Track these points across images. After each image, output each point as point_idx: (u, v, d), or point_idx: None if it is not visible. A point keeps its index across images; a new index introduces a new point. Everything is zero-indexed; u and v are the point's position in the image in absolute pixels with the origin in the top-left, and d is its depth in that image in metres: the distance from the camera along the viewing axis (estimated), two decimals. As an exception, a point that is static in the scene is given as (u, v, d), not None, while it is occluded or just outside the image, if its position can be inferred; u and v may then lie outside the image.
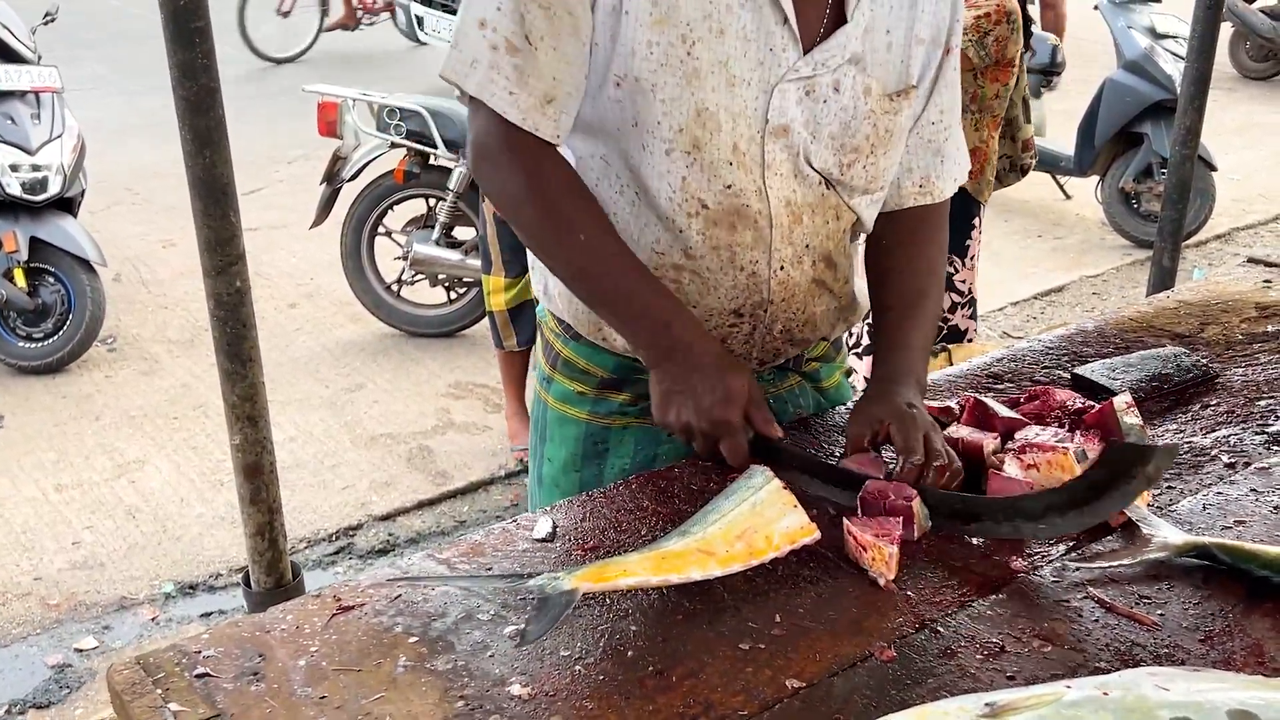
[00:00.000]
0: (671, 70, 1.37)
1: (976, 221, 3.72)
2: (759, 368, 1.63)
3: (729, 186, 1.44)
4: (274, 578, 2.29)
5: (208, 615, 3.41)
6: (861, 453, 1.45)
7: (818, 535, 1.26)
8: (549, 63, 1.36)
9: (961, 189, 3.76)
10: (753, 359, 1.61)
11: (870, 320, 3.85)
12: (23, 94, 4.84)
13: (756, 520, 1.25)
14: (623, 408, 1.62)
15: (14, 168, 4.66)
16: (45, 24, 5.36)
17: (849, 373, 3.92)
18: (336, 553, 3.73)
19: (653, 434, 1.62)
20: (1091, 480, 1.27)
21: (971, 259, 3.75)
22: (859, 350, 3.84)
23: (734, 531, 1.24)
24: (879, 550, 1.25)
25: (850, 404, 1.68)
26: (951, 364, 3.33)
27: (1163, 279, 3.76)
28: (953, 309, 3.78)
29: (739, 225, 1.48)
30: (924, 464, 1.37)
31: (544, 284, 1.64)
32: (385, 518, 3.92)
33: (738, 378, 1.44)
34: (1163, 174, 5.37)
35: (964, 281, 3.76)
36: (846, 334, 3.91)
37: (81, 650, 3.24)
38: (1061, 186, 6.86)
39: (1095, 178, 6.31)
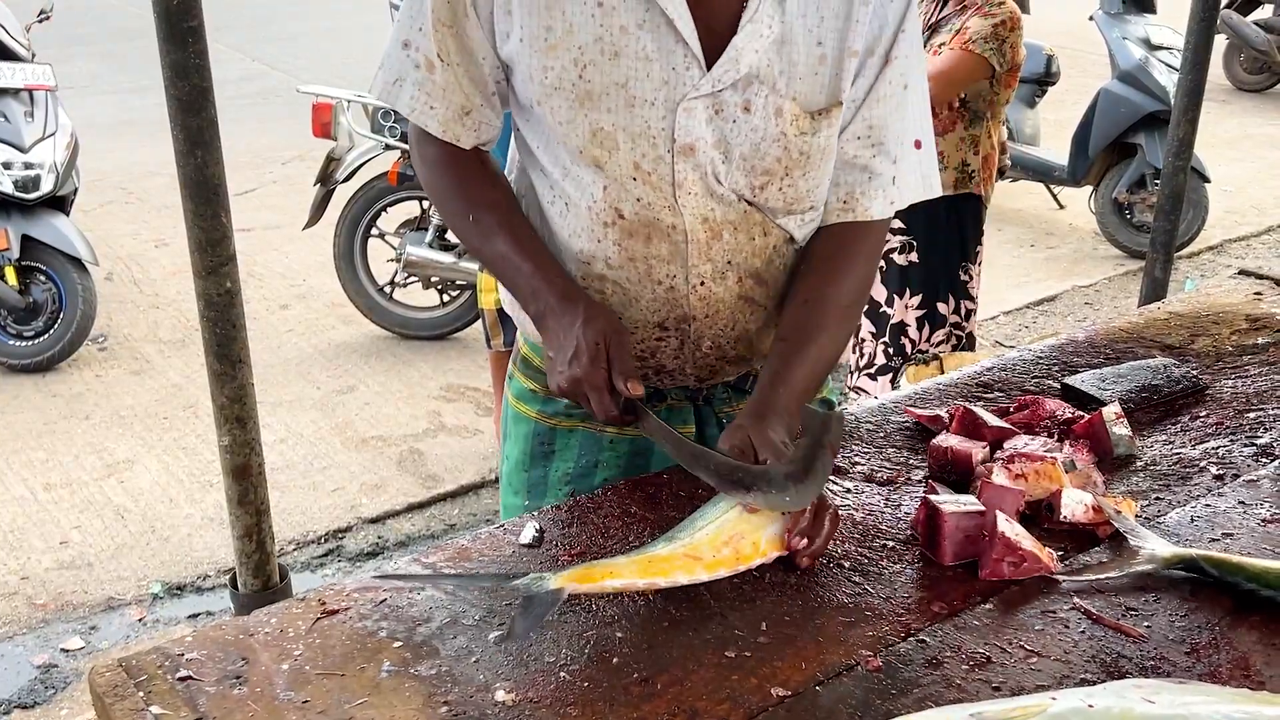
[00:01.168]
0: (564, 94, 1.38)
1: (985, 228, 3.77)
2: (698, 384, 1.61)
3: (639, 200, 1.44)
4: (261, 580, 2.28)
5: (195, 616, 3.40)
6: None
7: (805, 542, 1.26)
8: (461, 78, 1.45)
9: (976, 196, 3.78)
10: (688, 374, 1.59)
11: (885, 339, 3.89)
12: (16, 91, 4.83)
13: (744, 526, 1.25)
14: (568, 409, 1.63)
15: (6, 165, 4.65)
16: (39, 21, 5.35)
17: (857, 391, 3.95)
18: (325, 555, 3.72)
19: (596, 439, 1.63)
20: (804, 451, 1.30)
21: (979, 265, 3.79)
22: (871, 371, 3.86)
23: (721, 538, 1.24)
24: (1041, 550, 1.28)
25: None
26: (943, 372, 3.34)
27: (1155, 290, 3.76)
28: (968, 316, 3.82)
29: (654, 237, 1.47)
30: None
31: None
32: (375, 520, 3.91)
33: (590, 328, 1.38)
34: (1156, 185, 5.39)
35: (975, 289, 3.81)
36: (856, 357, 3.95)
37: (68, 650, 3.23)
38: (1055, 196, 6.88)
39: (1089, 188, 6.33)
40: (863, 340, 3.89)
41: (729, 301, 1.53)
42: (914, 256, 3.72)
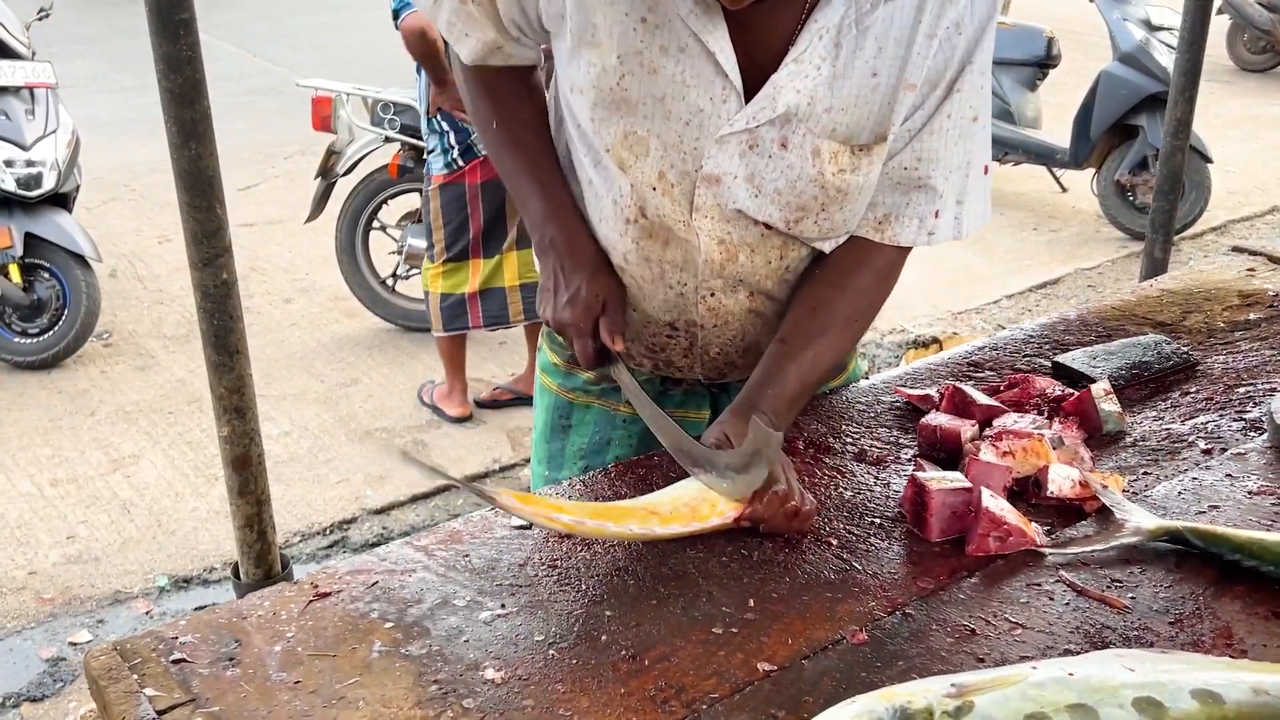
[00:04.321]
0: (601, 93, 1.36)
1: None
2: (708, 381, 1.64)
3: (657, 209, 1.43)
4: (263, 569, 2.29)
5: (201, 609, 3.39)
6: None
7: None
8: (490, 16, 1.43)
9: None
10: (697, 373, 1.61)
11: None
12: (17, 90, 4.85)
13: (707, 495, 1.29)
14: (586, 385, 1.67)
15: (8, 163, 4.67)
16: (39, 19, 5.36)
17: None
18: (330, 546, 3.74)
19: (610, 417, 1.66)
20: (748, 450, 1.31)
21: None
22: None
23: (681, 499, 1.27)
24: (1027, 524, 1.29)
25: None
26: (942, 349, 3.34)
27: (1154, 270, 3.75)
28: None
29: (671, 243, 1.46)
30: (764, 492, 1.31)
31: None
32: (379, 511, 3.93)
33: (595, 282, 1.47)
34: (1157, 166, 5.38)
35: None
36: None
37: (75, 644, 3.25)
38: (1057, 179, 6.86)
39: (1091, 170, 6.31)
40: None
41: (738, 314, 1.53)
42: None
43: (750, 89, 1.32)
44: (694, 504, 1.28)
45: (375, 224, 5.07)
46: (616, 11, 1.30)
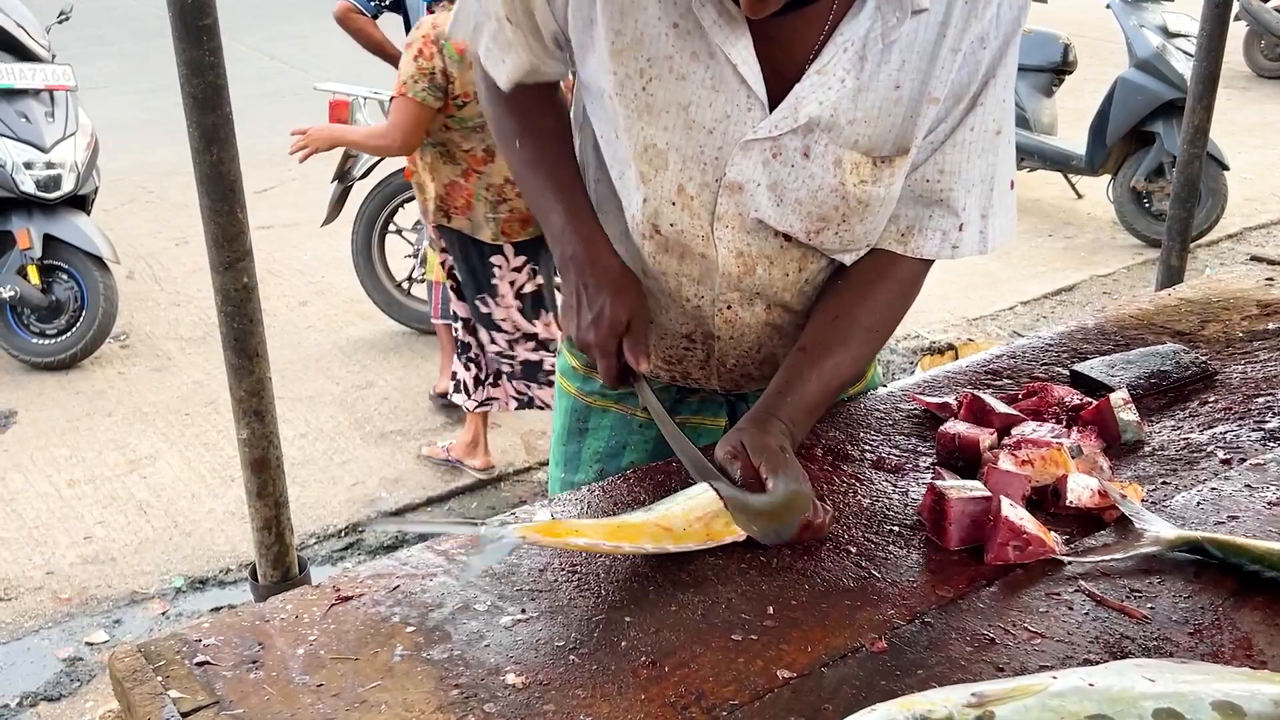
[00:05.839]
0: (625, 100, 1.36)
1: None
2: (724, 393, 1.65)
3: (673, 224, 1.44)
4: (280, 571, 2.30)
5: (217, 610, 3.44)
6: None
7: None
8: (529, 40, 1.45)
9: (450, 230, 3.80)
10: (714, 384, 1.62)
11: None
12: (36, 92, 4.89)
13: (722, 512, 1.29)
14: (603, 390, 1.67)
15: (28, 165, 4.71)
16: (59, 22, 5.40)
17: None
18: (346, 548, 3.76)
19: (626, 422, 1.67)
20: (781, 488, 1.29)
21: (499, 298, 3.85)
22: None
23: (694, 513, 1.27)
24: (1046, 534, 1.28)
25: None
26: (958, 356, 3.34)
27: (1170, 278, 3.75)
28: (510, 345, 3.91)
29: (687, 257, 1.47)
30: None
31: None
32: (394, 514, 3.94)
33: (619, 301, 1.45)
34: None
35: (504, 320, 3.86)
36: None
37: (92, 644, 3.28)
38: (1073, 185, 6.86)
39: (1107, 177, 6.30)
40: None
41: (755, 327, 1.54)
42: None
43: (775, 99, 1.33)
44: (708, 521, 1.27)
45: (391, 227, 5.10)
46: (649, 17, 1.31)
